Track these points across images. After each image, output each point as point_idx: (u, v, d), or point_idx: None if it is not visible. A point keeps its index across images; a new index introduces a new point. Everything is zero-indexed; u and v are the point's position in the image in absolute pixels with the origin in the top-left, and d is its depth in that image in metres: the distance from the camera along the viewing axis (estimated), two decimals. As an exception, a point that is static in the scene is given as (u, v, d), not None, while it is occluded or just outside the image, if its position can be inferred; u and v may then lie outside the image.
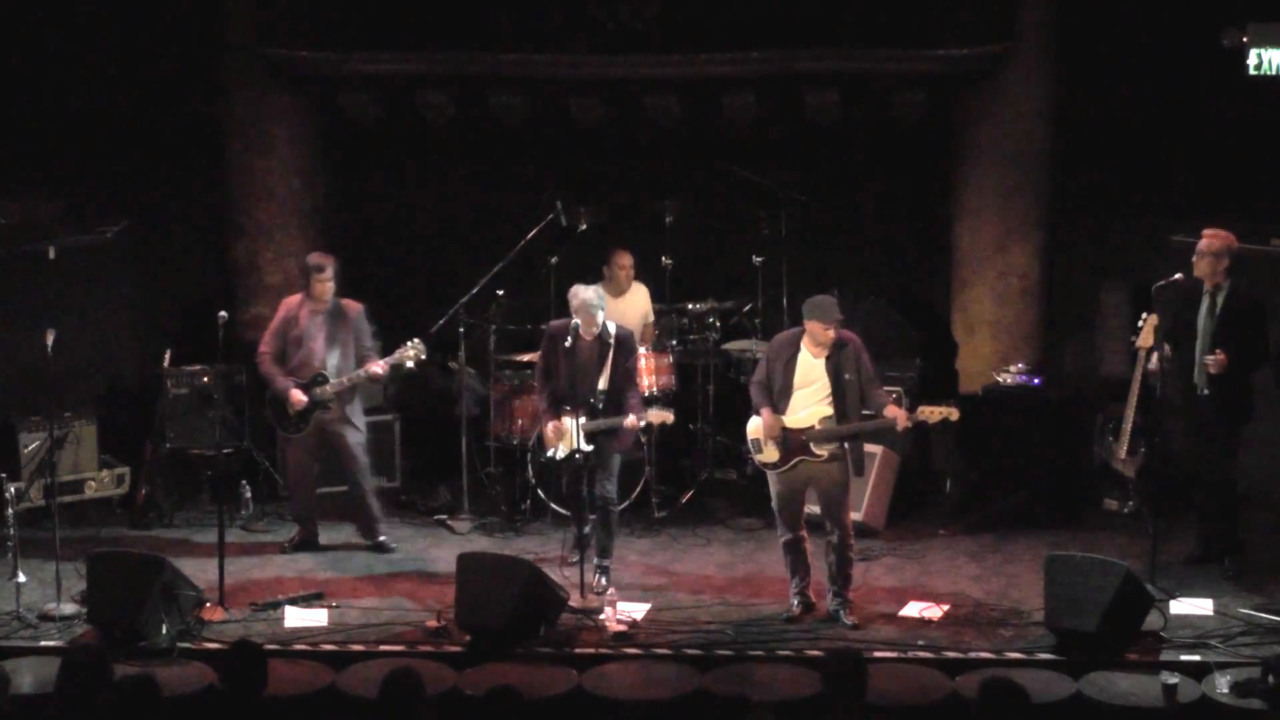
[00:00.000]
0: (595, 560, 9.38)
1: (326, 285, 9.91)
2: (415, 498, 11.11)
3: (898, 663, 8.28)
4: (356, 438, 10.03)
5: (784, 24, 11.33)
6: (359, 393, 10.09)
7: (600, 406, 9.23)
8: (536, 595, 8.60)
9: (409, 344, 9.95)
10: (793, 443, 8.77)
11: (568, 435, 9.29)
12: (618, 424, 9.24)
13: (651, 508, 10.68)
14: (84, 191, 11.84)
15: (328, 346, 9.92)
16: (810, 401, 8.77)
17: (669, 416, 9.53)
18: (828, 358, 8.74)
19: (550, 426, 9.38)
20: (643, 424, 9.35)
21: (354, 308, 10.05)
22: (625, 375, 9.35)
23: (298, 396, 9.82)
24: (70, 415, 10.63)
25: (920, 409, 8.87)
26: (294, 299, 10.07)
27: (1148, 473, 10.08)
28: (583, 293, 9.32)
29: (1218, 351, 9.09)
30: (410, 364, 10.04)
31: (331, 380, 9.87)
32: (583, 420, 9.12)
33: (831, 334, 8.69)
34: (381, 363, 9.88)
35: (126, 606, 8.45)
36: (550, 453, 9.49)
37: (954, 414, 8.86)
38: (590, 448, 9.19)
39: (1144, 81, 11.56)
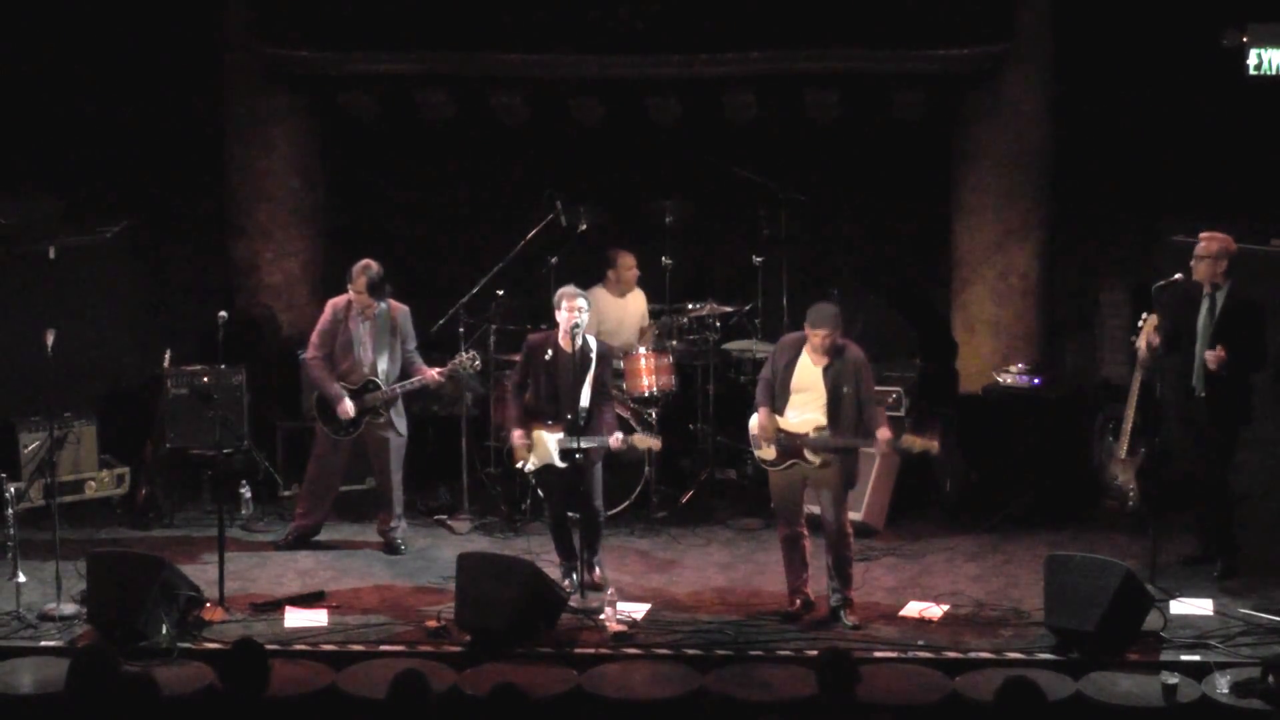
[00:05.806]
0: (586, 558, 9.33)
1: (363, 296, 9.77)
2: (415, 498, 11.08)
3: (898, 663, 8.28)
4: (398, 441, 9.97)
5: (784, 24, 11.34)
6: (402, 396, 9.99)
7: (582, 424, 9.16)
8: (536, 595, 8.60)
9: (464, 353, 9.87)
10: (788, 445, 8.77)
11: (541, 447, 9.25)
12: (604, 444, 9.18)
13: (651, 508, 10.68)
14: (84, 191, 11.84)
15: (376, 351, 9.83)
16: (806, 408, 8.75)
17: (656, 444, 9.52)
18: (827, 366, 8.71)
19: (517, 436, 9.30)
20: (624, 446, 9.23)
21: (400, 310, 9.95)
22: (604, 391, 9.31)
23: (347, 409, 9.74)
24: (70, 415, 10.62)
25: (904, 437, 8.88)
26: (341, 300, 9.93)
27: (1148, 473, 10.08)
28: (567, 288, 9.28)
29: (1218, 347, 9.08)
30: (468, 371, 9.95)
31: (384, 386, 9.79)
32: (559, 437, 9.11)
33: (819, 340, 8.66)
34: (437, 371, 9.80)
35: (126, 606, 8.44)
36: (521, 465, 9.44)
37: (934, 447, 8.89)
38: (565, 465, 9.17)
39: (1143, 81, 11.56)
